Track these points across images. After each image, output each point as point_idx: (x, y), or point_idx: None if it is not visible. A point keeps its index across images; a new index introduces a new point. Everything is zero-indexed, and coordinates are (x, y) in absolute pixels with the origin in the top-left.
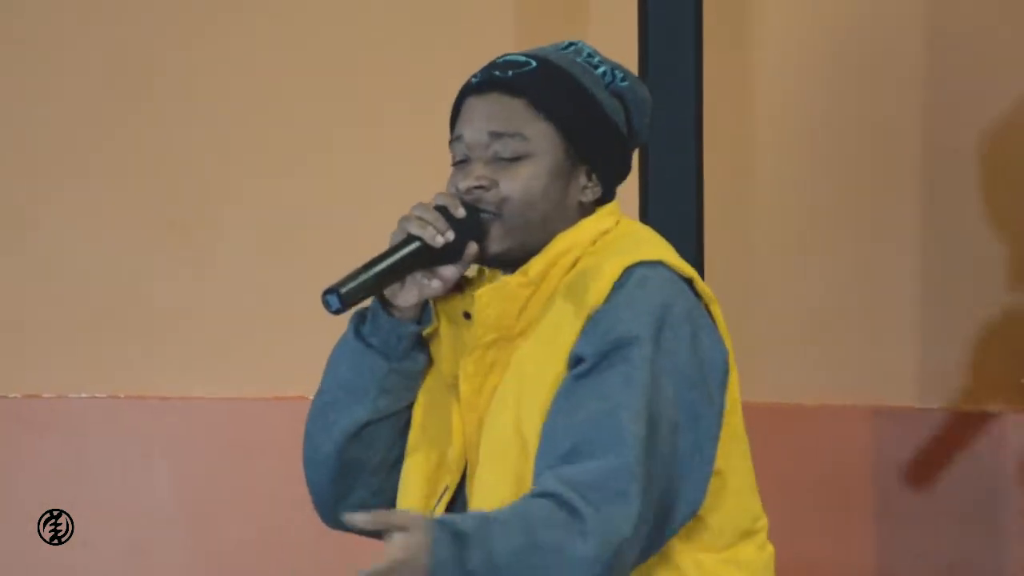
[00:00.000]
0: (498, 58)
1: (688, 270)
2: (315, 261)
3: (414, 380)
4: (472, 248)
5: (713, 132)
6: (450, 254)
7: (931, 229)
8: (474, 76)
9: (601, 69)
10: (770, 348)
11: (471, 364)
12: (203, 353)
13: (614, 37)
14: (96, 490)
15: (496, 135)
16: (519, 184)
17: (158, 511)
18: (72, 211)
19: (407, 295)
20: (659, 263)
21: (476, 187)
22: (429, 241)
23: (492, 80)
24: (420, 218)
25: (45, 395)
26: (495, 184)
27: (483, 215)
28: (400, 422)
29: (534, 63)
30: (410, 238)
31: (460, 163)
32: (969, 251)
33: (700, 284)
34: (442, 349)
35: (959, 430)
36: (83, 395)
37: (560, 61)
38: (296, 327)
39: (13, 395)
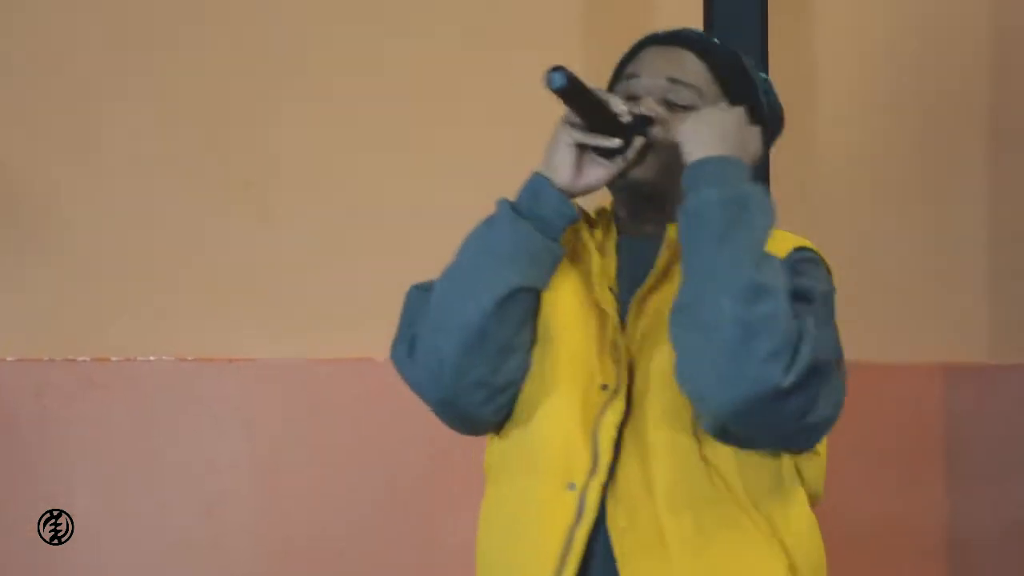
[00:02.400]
0: (680, 28)
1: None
2: (383, 227)
3: (553, 269)
4: (639, 142)
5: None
6: (621, 143)
7: (998, 187)
8: (662, 31)
9: (763, 76)
10: (842, 310)
11: (635, 304)
12: (269, 314)
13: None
14: (167, 452)
15: (674, 81)
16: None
17: (229, 473)
18: (140, 170)
19: (594, 173)
20: (817, 252)
21: (645, 115)
22: (626, 116)
23: (680, 36)
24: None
25: (113, 358)
26: (665, 121)
27: (647, 128)
28: (534, 304)
29: (717, 40)
30: (606, 102)
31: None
32: None
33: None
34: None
35: None
36: (151, 357)
37: (737, 51)
38: (361, 289)
39: (82, 358)
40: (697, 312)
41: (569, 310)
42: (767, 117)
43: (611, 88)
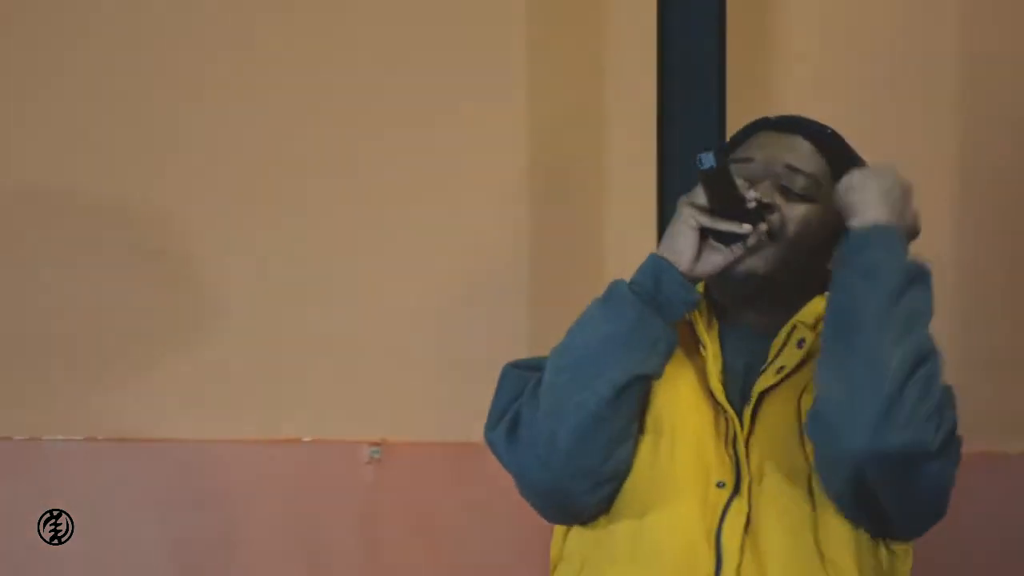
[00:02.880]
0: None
1: None
2: (305, 306)
3: (669, 356)
4: (763, 228)
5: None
6: (737, 235)
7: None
8: (773, 117)
9: None
10: None
11: (754, 399)
12: (184, 394)
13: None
14: (76, 538)
15: (793, 169)
16: (800, 216)
17: (144, 560)
18: (40, 240)
19: (712, 259)
20: None
21: (764, 202)
22: (752, 202)
23: (798, 123)
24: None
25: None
26: (779, 208)
27: (765, 223)
28: (646, 394)
29: (829, 131)
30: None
31: (740, 184)
32: None
33: None
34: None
35: None
36: (59, 437)
37: (845, 142)
38: (285, 368)
39: None
40: (858, 364)
41: (684, 401)
42: None
43: None
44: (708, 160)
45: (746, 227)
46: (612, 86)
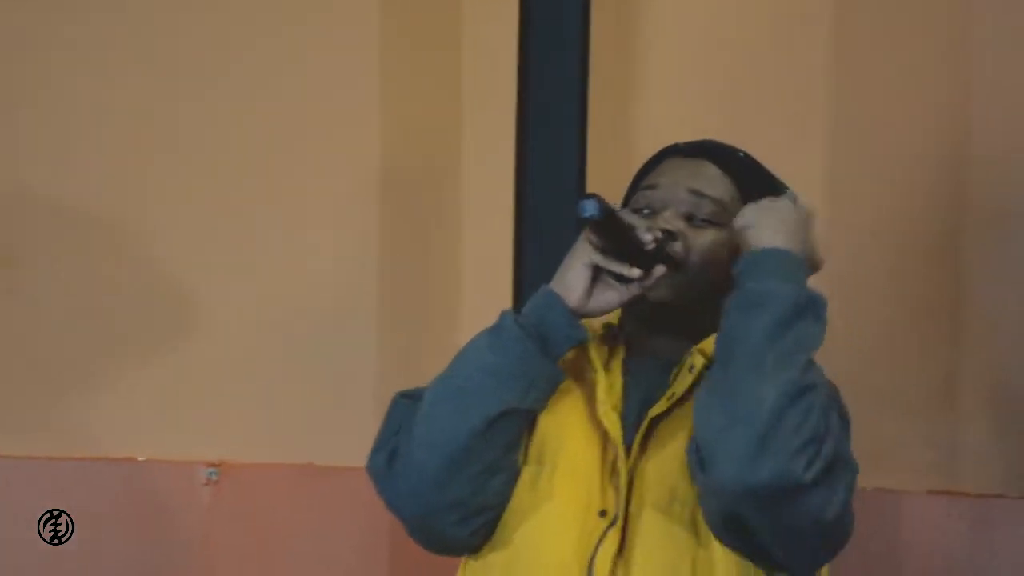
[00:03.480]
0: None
1: None
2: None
3: (551, 392)
4: (659, 271)
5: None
6: (642, 268)
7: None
8: (681, 143)
9: (790, 191)
10: None
11: (644, 427)
12: (9, 408)
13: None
14: None
15: (698, 194)
16: (706, 243)
17: None
18: None
19: (606, 296)
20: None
21: (667, 231)
22: (650, 244)
23: (706, 148)
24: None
25: None
26: (684, 237)
27: (669, 255)
28: (524, 427)
29: (741, 154)
30: (634, 229)
31: (645, 213)
32: None
33: None
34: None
35: None
36: None
37: (762, 165)
38: (119, 386)
39: None
40: (734, 396)
41: (569, 431)
42: None
43: (628, 197)
44: (590, 208)
45: (635, 271)
46: (470, 97)
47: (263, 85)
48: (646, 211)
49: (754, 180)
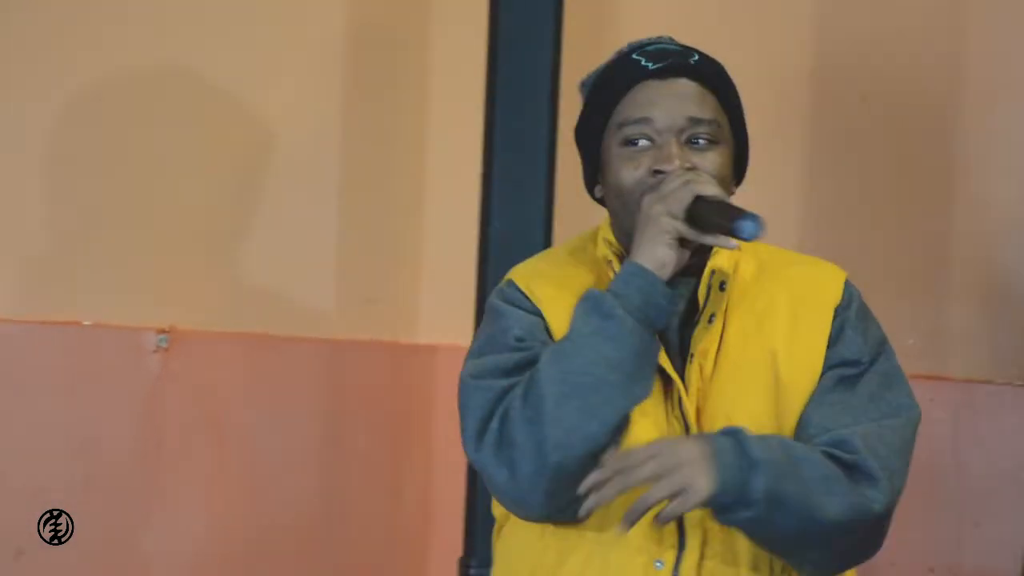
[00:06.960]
0: (651, 43)
1: None
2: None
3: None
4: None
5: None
6: (735, 236)
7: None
8: (645, 59)
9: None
10: None
11: (698, 347)
12: None
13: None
14: None
15: (695, 120)
16: (715, 164)
17: None
18: None
19: (680, 259)
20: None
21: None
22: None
23: (678, 67)
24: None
25: None
26: (694, 167)
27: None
28: None
29: (696, 55)
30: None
31: (642, 146)
32: None
33: None
34: None
35: None
36: None
37: (713, 58)
38: (65, 245)
39: None
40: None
41: None
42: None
43: (602, 136)
44: (754, 229)
45: (733, 242)
46: None
47: None
48: (642, 142)
49: (729, 85)
